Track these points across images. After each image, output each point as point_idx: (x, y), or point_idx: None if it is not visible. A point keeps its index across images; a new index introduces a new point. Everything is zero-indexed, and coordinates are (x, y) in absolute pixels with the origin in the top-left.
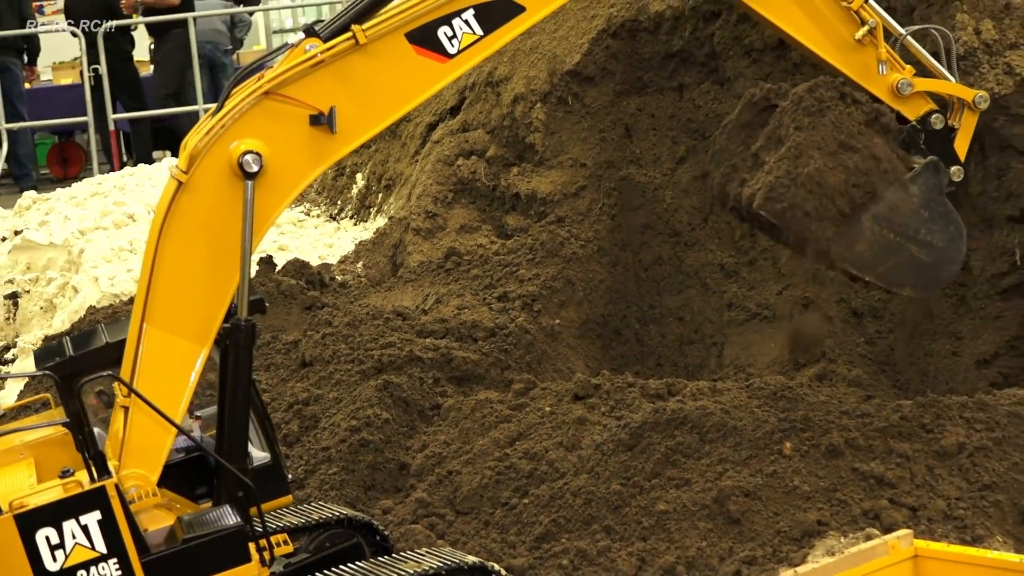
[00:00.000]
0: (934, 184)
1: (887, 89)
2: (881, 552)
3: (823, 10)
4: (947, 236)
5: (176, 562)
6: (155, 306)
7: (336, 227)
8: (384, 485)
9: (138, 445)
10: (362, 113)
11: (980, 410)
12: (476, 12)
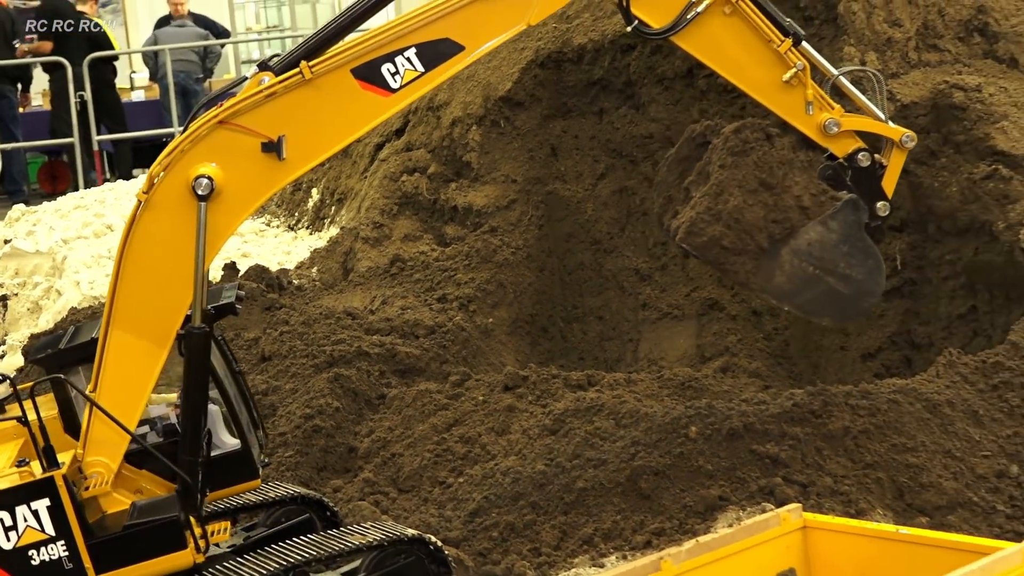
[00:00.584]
0: (853, 220)
1: (816, 128)
2: (774, 524)
3: (752, 54)
4: (866, 269)
5: (117, 546)
6: (120, 311)
7: (293, 236)
8: (334, 466)
9: (99, 436)
10: (310, 142)
11: (863, 398)
12: (417, 51)
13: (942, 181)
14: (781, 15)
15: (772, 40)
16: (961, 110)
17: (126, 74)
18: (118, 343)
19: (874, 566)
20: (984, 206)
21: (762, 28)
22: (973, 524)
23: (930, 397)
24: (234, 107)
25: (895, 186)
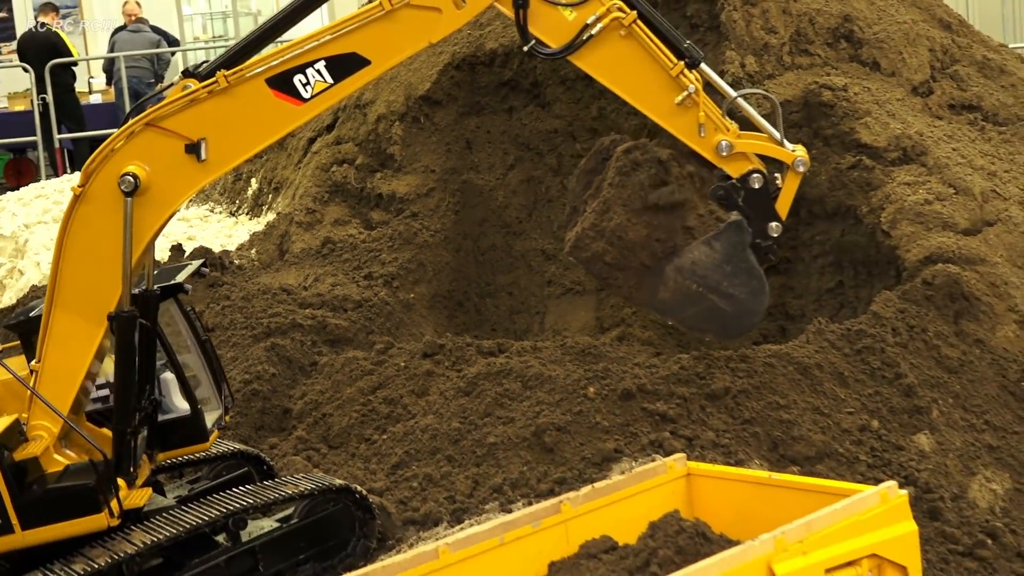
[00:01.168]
0: (737, 242)
1: (710, 149)
2: (661, 471)
3: (647, 75)
4: (748, 289)
5: (40, 506)
6: (60, 292)
7: (234, 221)
8: (271, 426)
9: (41, 404)
10: (228, 145)
11: (742, 361)
12: (327, 63)
13: (812, 170)
14: (679, 37)
15: (665, 63)
16: (829, 107)
17: (85, 79)
18: (59, 321)
19: (750, 508)
20: (849, 192)
21: (655, 51)
22: (839, 472)
23: (801, 360)
24: (160, 110)
25: (789, 208)
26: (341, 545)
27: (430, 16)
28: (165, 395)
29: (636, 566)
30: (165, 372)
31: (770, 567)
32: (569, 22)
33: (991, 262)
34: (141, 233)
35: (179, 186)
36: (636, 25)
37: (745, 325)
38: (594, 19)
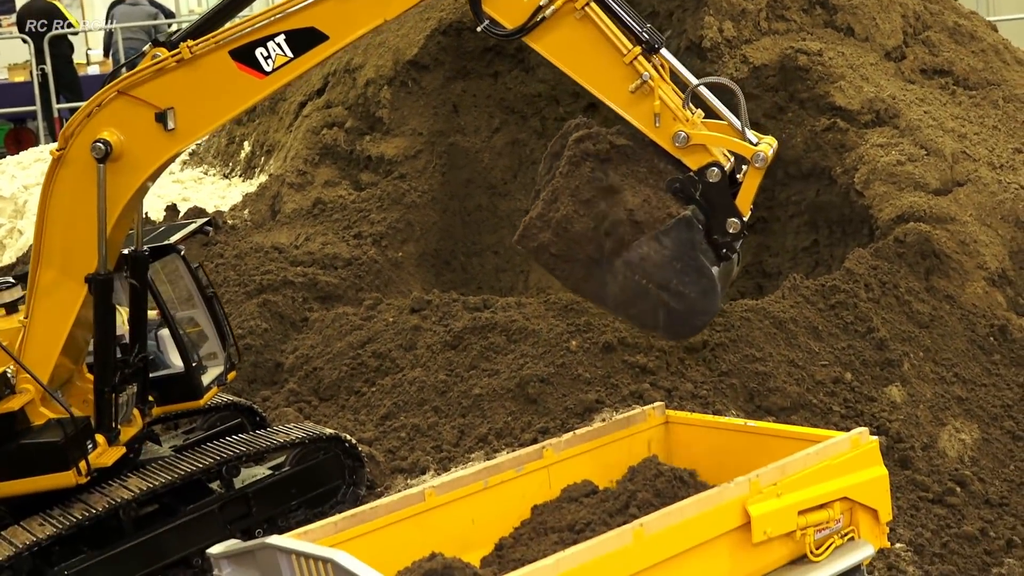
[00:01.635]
0: (687, 239)
1: (668, 140)
2: (640, 419)
3: (602, 61)
4: (699, 288)
5: (12, 459)
6: (45, 252)
7: (228, 183)
8: (263, 379)
9: (30, 358)
10: (195, 115)
11: (720, 316)
12: (287, 37)
13: (788, 132)
14: (638, 21)
15: (620, 48)
16: (805, 71)
17: (83, 51)
18: (44, 278)
19: (726, 454)
20: (824, 154)
21: (610, 35)
22: (813, 423)
23: (777, 315)
24: (130, 78)
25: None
26: (331, 492)
27: None
28: (162, 351)
29: (616, 508)
30: (163, 329)
31: (745, 508)
32: (524, 2)
33: (961, 221)
34: (116, 198)
35: (150, 154)
36: (590, 8)
37: (695, 325)
38: (546, 1)
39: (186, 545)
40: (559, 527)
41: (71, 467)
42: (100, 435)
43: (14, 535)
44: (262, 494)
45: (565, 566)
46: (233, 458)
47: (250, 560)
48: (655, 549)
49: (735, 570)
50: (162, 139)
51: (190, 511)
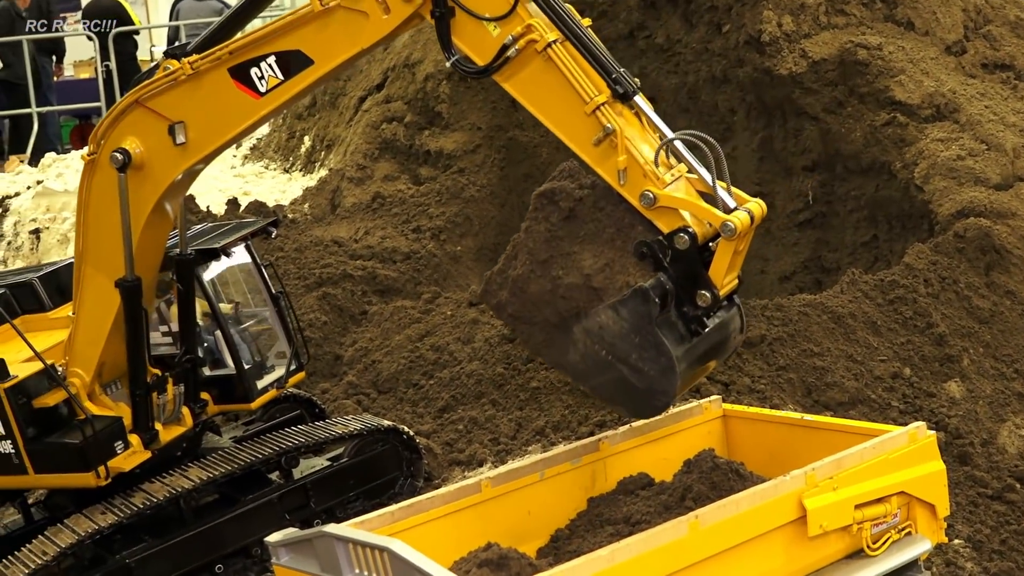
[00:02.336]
0: (643, 312)
1: (636, 198)
2: (697, 412)
3: (564, 107)
4: (658, 367)
5: (46, 454)
6: (87, 251)
7: (288, 177)
8: (322, 371)
9: (77, 353)
10: (202, 130)
11: (778, 310)
12: (277, 59)
13: (848, 127)
14: (609, 65)
15: (584, 95)
16: (864, 66)
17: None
18: (87, 277)
19: (782, 449)
20: (884, 149)
21: (575, 80)
22: (871, 418)
23: (835, 310)
24: (144, 89)
25: (725, 275)
26: (389, 484)
27: (358, 20)
28: (219, 351)
29: (672, 501)
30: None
31: (801, 502)
32: (493, 38)
33: (1022, 216)
34: (139, 207)
35: (166, 166)
36: (553, 49)
37: (656, 405)
38: (511, 38)
39: (245, 535)
40: (615, 519)
41: (90, 470)
42: (136, 436)
43: (76, 523)
44: (321, 485)
45: (620, 557)
46: (292, 449)
47: (308, 548)
48: (710, 542)
49: (791, 563)
50: (174, 153)
51: (249, 501)
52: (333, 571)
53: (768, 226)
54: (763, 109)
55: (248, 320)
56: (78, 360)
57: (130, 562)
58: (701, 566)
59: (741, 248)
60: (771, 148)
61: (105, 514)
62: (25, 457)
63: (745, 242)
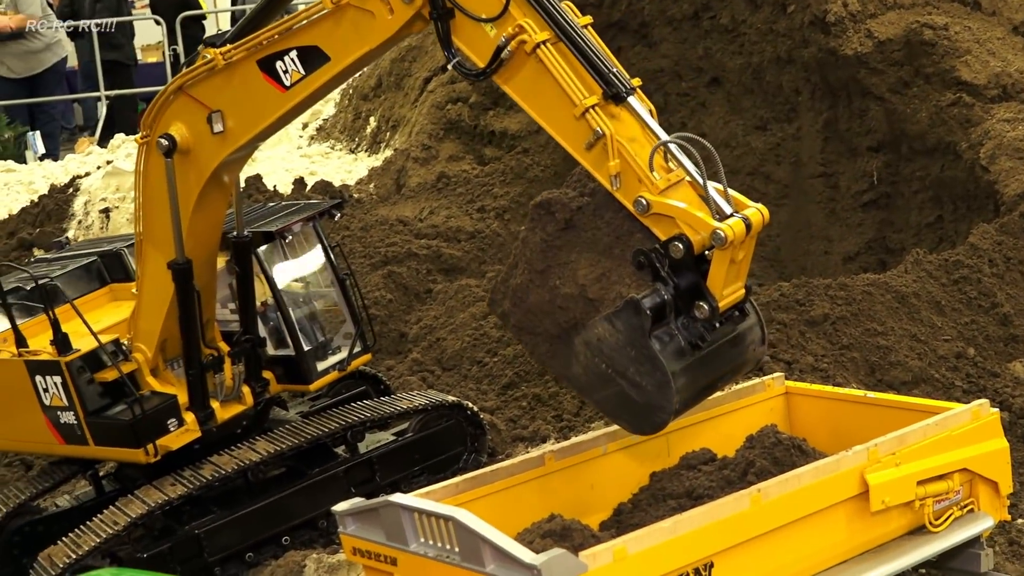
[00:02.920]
0: (636, 324)
1: (631, 204)
2: (759, 389)
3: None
4: (655, 381)
5: (102, 427)
6: (147, 231)
7: (354, 158)
8: (388, 349)
9: (140, 329)
10: (237, 120)
11: (841, 289)
12: (298, 53)
13: (913, 108)
14: (604, 65)
15: (574, 96)
16: (931, 46)
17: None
18: (147, 254)
19: (845, 426)
20: (949, 129)
21: (565, 81)
22: (934, 398)
23: (899, 289)
24: (186, 77)
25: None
26: (453, 459)
27: (367, 19)
28: (281, 331)
29: (734, 476)
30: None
31: (863, 477)
32: (490, 40)
33: None
34: (186, 191)
35: (207, 153)
36: (543, 49)
37: (656, 422)
38: (504, 39)
39: (312, 507)
40: (677, 493)
41: (139, 446)
42: (191, 414)
43: (147, 494)
44: (386, 459)
45: (683, 528)
46: (358, 423)
47: (374, 517)
48: (772, 515)
49: (853, 539)
50: (214, 140)
51: (316, 474)
52: (398, 540)
53: (833, 207)
54: (828, 90)
55: (313, 301)
56: (141, 336)
57: (199, 533)
58: (763, 539)
59: (740, 257)
60: (836, 129)
61: (175, 486)
62: (85, 429)
63: (745, 251)
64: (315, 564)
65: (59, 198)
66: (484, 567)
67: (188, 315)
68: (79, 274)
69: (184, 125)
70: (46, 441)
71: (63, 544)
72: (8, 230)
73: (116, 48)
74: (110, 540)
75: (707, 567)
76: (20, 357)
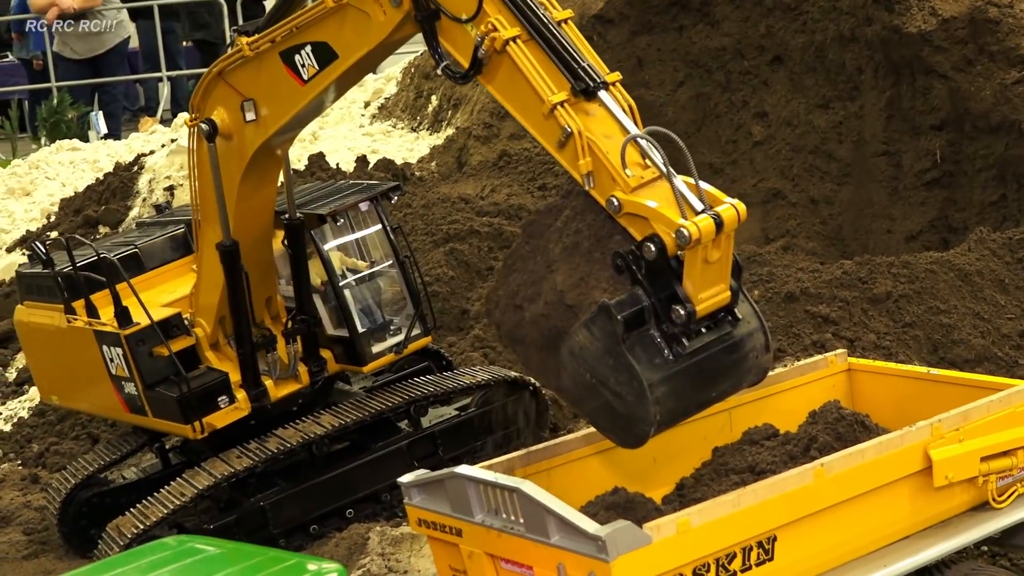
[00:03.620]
0: (610, 331)
1: (605, 204)
2: (822, 365)
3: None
4: (632, 391)
5: (158, 401)
6: (201, 207)
7: (416, 136)
8: (450, 325)
9: (199, 305)
10: (267, 108)
11: (904, 267)
12: (312, 48)
13: (977, 86)
14: (575, 60)
15: (543, 93)
16: (995, 23)
17: None
18: (203, 232)
19: (908, 403)
20: (1014, 107)
21: (534, 77)
22: (997, 376)
23: (962, 267)
24: (222, 64)
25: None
26: (515, 434)
27: (363, 19)
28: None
29: (797, 451)
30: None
31: (927, 452)
32: (471, 36)
33: None
34: (230, 175)
35: (243, 139)
36: (513, 46)
37: (638, 434)
38: (479, 38)
39: (375, 481)
40: (740, 468)
41: (187, 423)
42: (243, 392)
43: (213, 466)
44: (448, 434)
45: (746, 502)
46: (421, 398)
47: (439, 489)
48: (835, 490)
49: (916, 514)
50: (248, 128)
51: (379, 448)
52: (463, 511)
53: (895, 185)
54: (891, 68)
55: (372, 283)
56: (201, 311)
57: (264, 505)
58: (826, 514)
59: (716, 258)
60: (899, 107)
61: (240, 458)
62: (144, 401)
63: (721, 250)
64: (378, 537)
65: (124, 176)
66: (549, 538)
67: (237, 295)
68: (164, 243)
69: (224, 111)
70: (115, 408)
71: (131, 515)
72: (74, 207)
73: (203, 27)
74: (177, 511)
75: (770, 540)
76: (90, 327)
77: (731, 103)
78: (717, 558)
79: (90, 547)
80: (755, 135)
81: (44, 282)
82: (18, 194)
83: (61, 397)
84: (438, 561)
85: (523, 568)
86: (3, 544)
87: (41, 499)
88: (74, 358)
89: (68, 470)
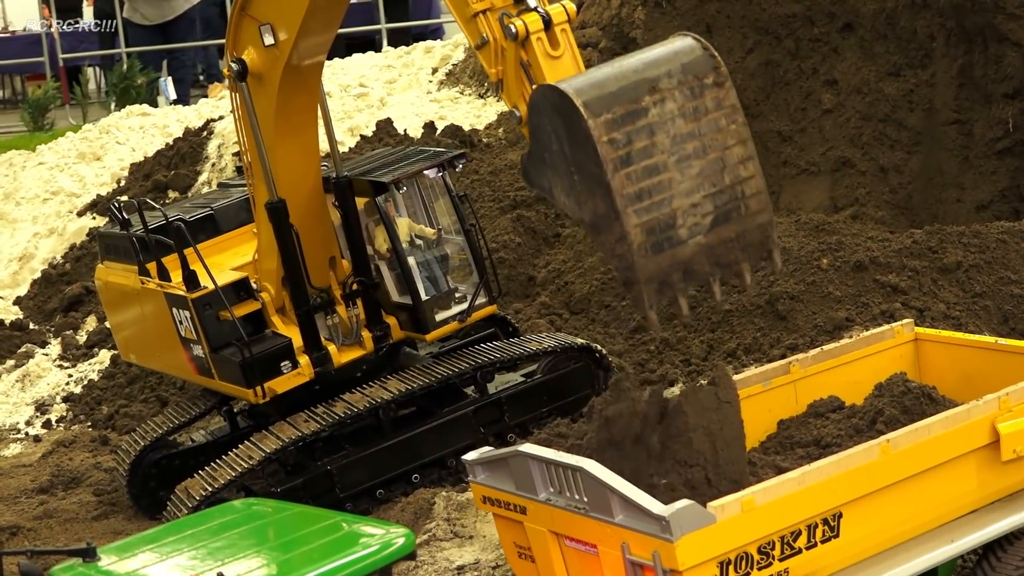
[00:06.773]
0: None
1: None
2: (888, 336)
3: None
4: None
5: (221, 363)
6: (253, 165)
7: (483, 103)
8: (516, 292)
9: (262, 269)
10: (281, 24)
11: (975, 236)
12: None
13: None
14: None
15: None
16: None
17: None
18: (258, 195)
19: (976, 373)
20: None
21: None
22: None
23: None
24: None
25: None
26: (582, 401)
27: None
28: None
29: (863, 424)
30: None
31: (994, 426)
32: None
33: None
34: (265, 115)
35: (267, 67)
36: None
37: None
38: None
39: (441, 446)
40: (805, 442)
41: (249, 387)
42: (306, 358)
43: (281, 430)
44: (515, 400)
45: (811, 480)
46: (488, 364)
47: (503, 467)
48: (901, 465)
49: (983, 488)
50: (268, 55)
51: (446, 414)
52: (527, 489)
53: (966, 154)
54: (963, 35)
55: (437, 250)
56: (264, 275)
57: (331, 469)
58: (892, 489)
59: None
60: (971, 75)
61: (308, 422)
62: (211, 363)
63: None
64: (444, 502)
65: (193, 141)
66: (613, 517)
67: (288, 254)
68: (240, 204)
69: (252, 48)
70: (186, 369)
71: (199, 477)
72: (144, 172)
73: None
74: (245, 474)
75: (835, 517)
76: (161, 290)
77: (800, 70)
78: (782, 536)
79: (158, 509)
80: (824, 103)
81: (121, 243)
82: (89, 159)
83: (139, 356)
84: (503, 537)
85: (587, 546)
86: (73, 505)
87: (111, 461)
88: (148, 319)
89: (137, 432)
